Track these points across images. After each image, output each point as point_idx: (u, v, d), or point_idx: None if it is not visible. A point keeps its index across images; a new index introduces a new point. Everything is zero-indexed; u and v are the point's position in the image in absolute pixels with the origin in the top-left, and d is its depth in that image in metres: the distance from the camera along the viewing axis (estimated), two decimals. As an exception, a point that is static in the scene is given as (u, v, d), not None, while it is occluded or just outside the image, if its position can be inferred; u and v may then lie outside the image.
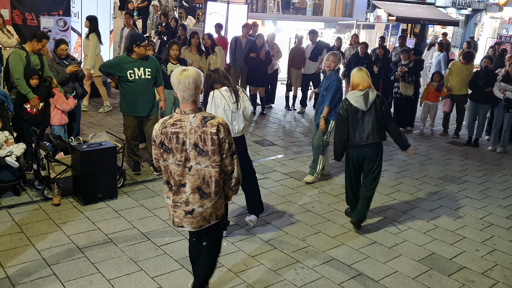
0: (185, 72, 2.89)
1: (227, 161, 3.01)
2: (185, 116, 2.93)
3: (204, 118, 2.93)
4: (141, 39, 5.52)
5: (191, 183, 2.97)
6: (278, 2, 18.63)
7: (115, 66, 5.53)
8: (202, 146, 2.92)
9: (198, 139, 2.91)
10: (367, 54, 9.75)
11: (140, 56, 5.51)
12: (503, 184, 6.48)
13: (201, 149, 2.92)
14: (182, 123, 2.92)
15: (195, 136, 2.91)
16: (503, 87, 7.58)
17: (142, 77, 5.54)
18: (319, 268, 4.05)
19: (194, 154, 2.93)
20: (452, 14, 24.02)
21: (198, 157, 2.93)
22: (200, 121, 2.92)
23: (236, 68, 9.04)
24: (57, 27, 9.13)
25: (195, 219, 3.03)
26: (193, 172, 2.95)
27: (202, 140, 2.91)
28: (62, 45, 6.04)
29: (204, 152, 2.92)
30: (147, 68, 5.56)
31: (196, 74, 2.91)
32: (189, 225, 3.05)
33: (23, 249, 4.01)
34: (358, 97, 4.59)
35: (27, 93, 5.41)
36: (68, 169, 4.99)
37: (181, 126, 2.92)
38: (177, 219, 3.06)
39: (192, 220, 3.03)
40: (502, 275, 4.16)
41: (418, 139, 8.60)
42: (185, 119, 2.93)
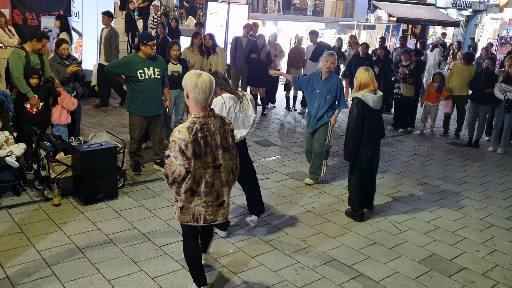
0: (202, 77, 3.00)
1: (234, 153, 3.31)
2: (209, 119, 3.08)
3: (221, 119, 3.20)
4: (149, 38, 5.52)
5: (221, 179, 3.18)
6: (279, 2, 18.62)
7: (125, 66, 5.51)
8: (225, 144, 3.17)
9: (222, 138, 3.14)
10: (368, 54, 9.76)
11: (147, 55, 5.50)
12: (504, 185, 6.48)
13: (225, 146, 3.16)
14: (208, 126, 3.06)
15: (220, 136, 3.13)
16: (504, 88, 7.58)
17: (152, 77, 5.55)
18: (320, 268, 4.05)
19: (221, 152, 3.14)
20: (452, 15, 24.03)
21: (225, 154, 3.17)
22: (221, 121, 3.17)
23: (236, 68, 9.04)
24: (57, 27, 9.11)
25: (225, 209, 3.30)
26: (222, 169, 3.18)
27: (225, 138, 3.16)
28: (64, 44, 6.05)
29: (226, 149, 3.18)
30: (156, 68, 5.58)
31: (211, 79, 3.05)
32: (221, 217, 3.28)
33: (23, 249, 4.01)
34: (377, 97, 4.74)
35: (27, 92, 5.41)
36: (68, 169, 4.99)
37: (208, 129, 3.06)
38: (211, 216, 3.22)
39: (224, 211, 3.28)
40: (502, 276, 4.15)
41: (418, 139, 8.60)
42: (209, 121, 3.08)
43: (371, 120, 4.73)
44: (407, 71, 8.59)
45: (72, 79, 6.09)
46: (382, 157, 7.31)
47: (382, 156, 7.34)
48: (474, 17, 25.49)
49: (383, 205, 5.50)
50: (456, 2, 24.00)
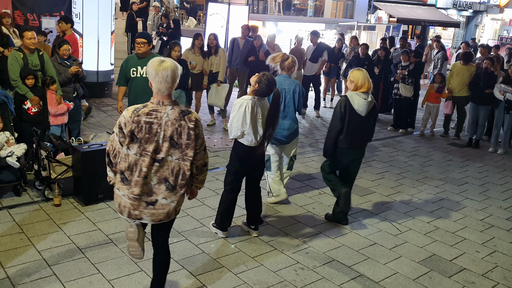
0: (164, 64, 2.85)
1: (200, 155, 3.03)
2: (162, 107, 2.89)
3: (182, 112, 2.92)
4: (138, 35, 5.56)
5: (158, 173, 2.92)
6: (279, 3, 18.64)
7: (125, 65, 5.57)
8: (177, 139, 2.89)
9: (174, 131, 2.88)
10: (367, 55, 9.76)
11: (139, 54, 5.48)
12: (504, 186, 6.48)
13: (175, 141, 2.90)
14: (158, 114, 2.87)
15: (172, 128, 2.87)
16: (503, 89, 7.58)
17: (142, 76, 5.52)
18: (319, 269, 4.05)
19: (168, 146, 2.89)
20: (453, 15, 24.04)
21: (171, 149, 2.90)
22: (179, 114, 2.90)
23: (232, 69, 9.05)
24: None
25: (156, 211, 2.96)
26: (162, 164, 2.91)
27: (178, 133, 2.89)
28: (65, 45, 6.01)
29: (177, 145, 2.91)
30: None
31: (174, 66, 2.88)
32: (149, 217, 2.97)
33: (23, 250, 4.01)
34: (364, 102, 4.52)
35: (26, 93, 5.42)
36: (68, 170, 5.00)
37: (157, 117, 2.86)
38: (136, 212, 2.95)
39: (154, 212, 2.95)
40: (502, 277, 4.15)
41: (418, 140, 8.60)
42: (162, 110, 2.88)
43: (354, 122, 4.54)
44: (405, 72, 8.60)
45: (72, 80, 6.10)
46: (382, 158, 7.32)
47: (382, 157, 7.35)
48: (474, 18, 25.50)
49: (383, 205, 5.50)
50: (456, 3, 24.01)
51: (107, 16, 9.31)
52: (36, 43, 5.61)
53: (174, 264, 3.94)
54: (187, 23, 16.74)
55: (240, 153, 4.26)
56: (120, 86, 5.72)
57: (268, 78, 4.15)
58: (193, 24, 16.50)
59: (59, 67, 5.97)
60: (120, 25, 13.26)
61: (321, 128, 8.99)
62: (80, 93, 6.29)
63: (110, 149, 2.97)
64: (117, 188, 2.98)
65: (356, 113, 4.55)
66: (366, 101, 4.53)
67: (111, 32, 9.51)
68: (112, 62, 9.76)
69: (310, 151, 7.44)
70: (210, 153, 6.92)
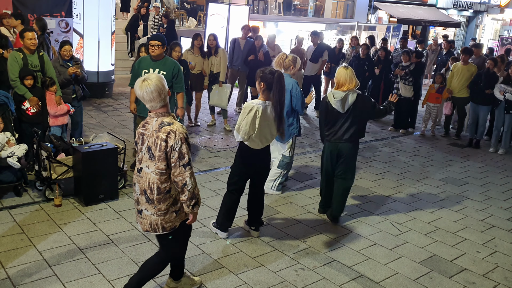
0: (145, 82, 2.90)
1: (175, 171, 2.93)
2: (151, 119, 3.02)
3: (161, 124, 2.94)
4: (151, 38, 5.53)
5: (139, 184, 3.04)
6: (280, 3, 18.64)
7: (137, 67, 5.57)
8: (153, 151, 2.95)
9: (152, 142, 2.95)
10: (368, 55, 9.76)
11: (152, 54, 5.41)
12: (504, 186, 6.48)
13: (152, 153, 2.95)
14: (147, 125, 3.03)
15: (151, 139, 2.96)
16: (503, 89, 7.58)
17: None
18: (320, 269, 4.06)
19: (146, 156, 2.98)
20: (453, 15, 24.04)
21: (148, 160, 2.98)
22: (158, 126, 2.95)
23: (234, 69, 9.05)
24: (59, 28, 9.17)
25: (143, 220, 3.11)
26: (142, 174, 3.02)
27: (155, 144, 2.94)
28: (66, 46, 5.97)
29: (154, 157, 2.95)
30: (162, 71, 5.43)
31: (155, 80, 2.91)
32: (139, 224, 3.17)
33: (24, 250, 4.02)
34: (337, 100, 4.53)
35: (24, 93, 5.42)
36: (69, 170, 5.00)
37: (147, 129, 3.02)
38: (136, 217, 3.20)
39: (141, 220, 3.13)
40: (503, 277, 4.15)
41: (419, 140, 8.60)
42: (150, 122, 3.02)
43: (333, 119, 4.64)
44: (402, 72, 8.60)
45: (72, 82, 6.05)
46: (383, 158, 7.32)
47: (383, 157, 7.35)
48: (475, 18, 25.50)
49: (383, 205, 5.50)
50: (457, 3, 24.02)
51: (107, 17, 9.31)
52: (36, 43, 5.61)
53: (175, 264, 3.93)
54: (188, 23, 16.74)
55: (245, 155, 4.25)
56: (132, 88, 5.61)
57: (263, 69, 4.17)
58: (194, 24, 16.50)
59: (60, 68, 5.93)
60: (120, 26, 13.27)
61: (321, 128, 8.98)
62: (80, 95, 6.25)
63: None
64: None
65: (334, 110, 4.60)
66: (337, 99, 4.52)
67: (112, 33, 9.51)
68: (113, 62, 9.77)
69: (310, 151, 7.44)
70: (210, 153, 6.91)
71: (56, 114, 5.76)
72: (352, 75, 4.54)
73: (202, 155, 6.75)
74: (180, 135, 2.91)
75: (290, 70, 5.22)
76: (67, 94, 6.01)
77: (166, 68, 5.49)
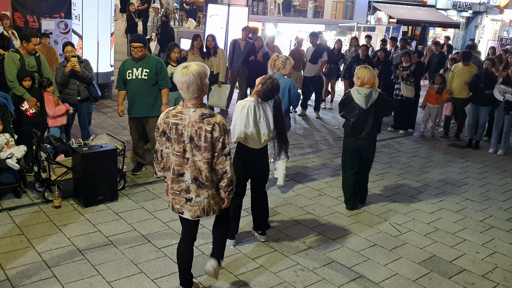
0: (186, 70, 2.98)
1: (218, 159, 3.10)
2: (186, 109, 3.06)
3: (202, 115, 3.04)
4: (132, 39, 5.59)
5: (190, 173, 3.11)
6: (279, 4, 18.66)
7: (121, 68, 5.60)
8: (197, 141, 3.04)
9: (194, 133, 3.03)
10: (367, 56, 9.76)
11: (135, 56, 5.49)
12: (504, 187, 6.48)
13: (196, 143, 3.05)
14: (183, 116, 3.05)
15: (192, 130, 3.03)
16: (503, 90, 7.59)
17: (138, 77, 5.51)
18: (319, 270, 4.05)
19: (190, 146, 3.06)
20: (452, 16, 24.05)
21: (194, 150, 3.07)
22: (199, 116, 3.03)
23: (234, 71, 9.06)
24: (58, 30, 9.17)
25: (193, 207, 3.17)
26: (190, 164, 3.09)
27: (198, 135, 3.03)
28: (67, 47, 5.93)
29: (198, 147, 3.06)
30: (145, 69, 5.51)
31: (198, 69, 2.99)
32: (188, 212, 3.19)
33: (23, 251, 4.02)
34: (362, 96, 4.90)
35: (23, 94, 5.42)
36: (68, 171, 5.00)
37: (181, 118, 3.05)
38: (178, 206, 3.20)
39: (191, 208, 3.17)
40: (502, 278, 4.15)
41: (419, 141, 8.60)
42: (185, 112, 3.06)
43: (353, 114, 4.98)
44: (404, 74, 8.60)
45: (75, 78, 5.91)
46: (382, 158, 7.32)
47: (382, 158, 7.35)
48: (474, 19, 25.51)
49: (383, 206, 5.50)
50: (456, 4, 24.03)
51: (106, 18, 9.32)
52: (37, 48, 5.69)
53: (174, 265, 3.94)
54: (187, 24, 16.75)
55: (243, 156, 4.24)
56: (120, 90, 5.73)
57: (272, 83, 4.17)
58: (193, 25, 16.51)
59: (64, 69, 5.88)
60: (119, 27, 13.27)
61: (321, 129, 8.99)
62: (84, 95, 6.06)
63: (158, 147, 3.22)
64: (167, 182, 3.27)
65: (357, 106, 4.94)
66: (362, 95, 4.89)
67: (111, 34, 9.52)
68: (112, 63, 9.77)
69: (310, 152, 7.44)
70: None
71: (55, 115, 5.75)
72: (374, 74, 4.94)
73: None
74: (223, 127, 3.08)
75: (281, 70, 5.35)
76: (72, 95, 5.94)
77: (149, 66, 5.55)
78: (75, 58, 5.96)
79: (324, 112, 10.48)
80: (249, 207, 4.61)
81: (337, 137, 8.34)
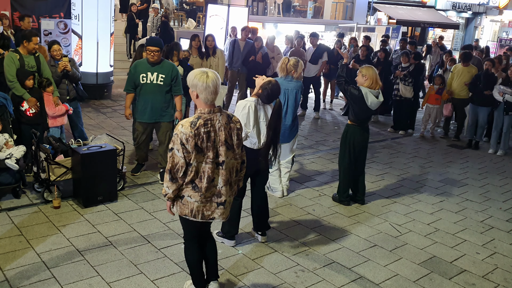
0: (210, 76, 3.05)
1: (243, 152, 3.32)
2: (214, 115, 3.12)
3: (228, 116, 3.21)
4: (148, 43, 5.36)
5: (223, 176, 3.17)
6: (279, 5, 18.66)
7: (133, 71, 5.42)
8: (230, 141, 3.17)
9: (227, 135, 3.15)
10: (367, 57, 9.75)
11: (151, 60, 5.30)
12: (504, 187, 6.47)
13: (229, 144, 3.17)
14: (212, 122, 3.10)
15: (225, 132, 3.13)
16: (502, 90, 7.59)
17: (153, 82, 5.33)
18: (320, 271, 4.04)
19: (224, 149, 3.14)
20: (452, 17, 24.08)
21: (228, 151, 3.16)
22: (227, 118, 3.18)
23: (233, 71, 9.05)
24: (57, 30, 9.15)
25: (226, 209, 3.27)
26: (225, 166, 3.16)
27: (230, 135, 3.17)
28: (54, 45, 5.91)
29: (231, 146, 3.18)
30: (161, 74, 5.34)
31: (217, 77, 3.11)
32: (220, 216, 3.25)
33: (22, 252, 4.00)
34: (377, 102, 5.03)
35: (23, 94, 5.40)
36: (68, 172, 4.99)
37: (212, 125, 3.10)
38: (208, 212, 3.21)
39: (224, 210, 3.25)
40: (502, 278, 4.15)
41: (418, 142, 8.60)
42: (214, 118, 3.11)
43: (363, 111, 5.12)
44: (401, 74, 8.60)
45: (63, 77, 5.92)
46: (382, 159, 7.32)
47: (382, 158, 7.34)
48: (473, 19, 25.55)
49: (383, 207, 5.49)
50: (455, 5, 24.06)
51: (106, 18, 9.30)
52: (38, 47, 5.65)
53: (174, 266, 3.93)
54: (187, 24, 16.75)
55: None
56: (128, 93, 5.54)
57: (272, 88, 4.16)
58: (193, 25, 16.52)
59: (52, 69, 5.86)
60: (119, 27, 13.27)
61: (320, 130, 8.98)
62: (73, 95, 6.09)
63: (173, 166, 3.06)
64: (189, 195, 3.15)
65: (366, 105, 5.03)
66: (380, 100, 5.06)
67: (111, 34, 9.50)
68: (112, 63, 9.76)
69: (309, 152, 7.43)
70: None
71: (55, 115, 5.74)
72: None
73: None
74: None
75: (292, 73, 5.27)
76: (62, 94, 5.93)
77: (165, 71, 5.41)
78: (66, 57, 5.99)
79: (324, 112, 10.47)
80: (249, 207, 4.60)
81: (337, 138, 8.33)
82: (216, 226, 4.59)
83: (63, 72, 5.84)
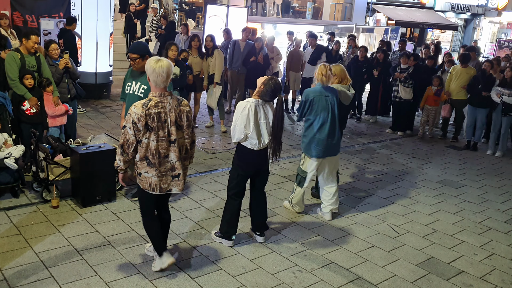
0: (160, 62, 3.42)
1: (189, 131, 3.65)
2: (165, 98, 3.49)
3: (178, 100, 3.58)
4: (130, 49, 4.93)
5: (176, 153, 3.55)
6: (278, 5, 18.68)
7: (125, 78, 4.99)
8: (180, 122, 3.55)
9: (177, 116, 3.52)
10: (366, 58, 9.77)
11: (133, 69, 4.73)
12: (502, 189, 6.49)
13: (179, 124, 3.55)
14: (163, 104, 3.46)
15: (175, 114, 3.50)
16: (500, 92, 7.61)
17: (134, 93, 4.68)
18: (318, 271, 4.05)
19: (174, 129, 3.50)
20: (451, 18, 24.11)
21: (178, 131, 3.54)
22: (177, 102, 3.55)
23: (233, 71, 9.06)
24: (57, 29, 9.13)
25: (181, 181, 3.64)
26: (177, 144, 3.54)
27: (180, 117, 3.55)
28: (52, 44, 5.91)
29: (180, 127, 3.56)
30: (143, 85, 4.63)
31: (169, 64, 3.46)
32: (176, 187, 3.64)
33: (21, 251, 4.00)
34: (350, 95, 5.18)
35: (24, 93, 5.40)
36: (67, 171, 4.99)
37: (163, 107, 3.45)
38: (165, 185, 3.59)
39: (179, 182, 3.63)
40: (500, 280, 4.16)
41: (417, 143, 8.61)
42: (165, 100, 3.48)
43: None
44: (402, 76, 8.61)
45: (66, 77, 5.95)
46: (381, 160, 7.33)
47: (381, 159, 7.35)
48: (472, 21, 25.58)
49: (381, 208, 5.50)
50: (454, 6, 24.09)
51: (105, 18, 9.31)
52: (37, 47, 5.64)
53: (173, 266, 3.93)
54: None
55: (243, 157, 4.22)
56: (124, 102, 4.94)
57: (274, 83, 4.14)
58: (192, 26, 16.50)
59: (51, 68, 5.87)
60: (119, 27, 13.27)
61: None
62: (73, 93, 6.12)
63: (124, 141, 3.47)
64: (146, 171, 3.54)
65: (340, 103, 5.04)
66: (352, 93, 5.20)
67: (110, 34, 9.50)
68: (111, 63, 9.76)
69: (308, 153, 7.43)
70: (208, 155, 6.92)
71: (54, 115, 5.74)
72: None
73: (200, 157, 6.74)
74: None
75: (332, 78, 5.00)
76: (63, 93, 5.95)
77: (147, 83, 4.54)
78: (67, 54, 5.98)
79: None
80: (247, 208, 4.61)
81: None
82: (214, 226, 4.60)
83: (65, 68, 5.88)
